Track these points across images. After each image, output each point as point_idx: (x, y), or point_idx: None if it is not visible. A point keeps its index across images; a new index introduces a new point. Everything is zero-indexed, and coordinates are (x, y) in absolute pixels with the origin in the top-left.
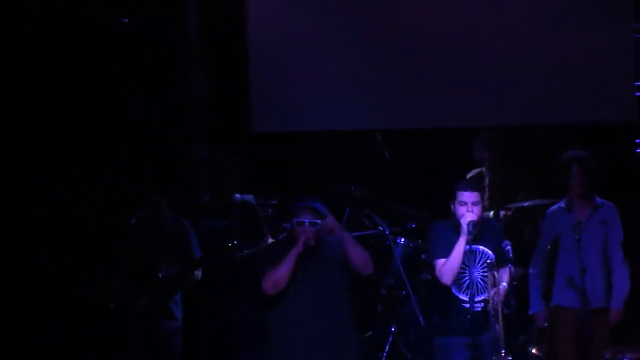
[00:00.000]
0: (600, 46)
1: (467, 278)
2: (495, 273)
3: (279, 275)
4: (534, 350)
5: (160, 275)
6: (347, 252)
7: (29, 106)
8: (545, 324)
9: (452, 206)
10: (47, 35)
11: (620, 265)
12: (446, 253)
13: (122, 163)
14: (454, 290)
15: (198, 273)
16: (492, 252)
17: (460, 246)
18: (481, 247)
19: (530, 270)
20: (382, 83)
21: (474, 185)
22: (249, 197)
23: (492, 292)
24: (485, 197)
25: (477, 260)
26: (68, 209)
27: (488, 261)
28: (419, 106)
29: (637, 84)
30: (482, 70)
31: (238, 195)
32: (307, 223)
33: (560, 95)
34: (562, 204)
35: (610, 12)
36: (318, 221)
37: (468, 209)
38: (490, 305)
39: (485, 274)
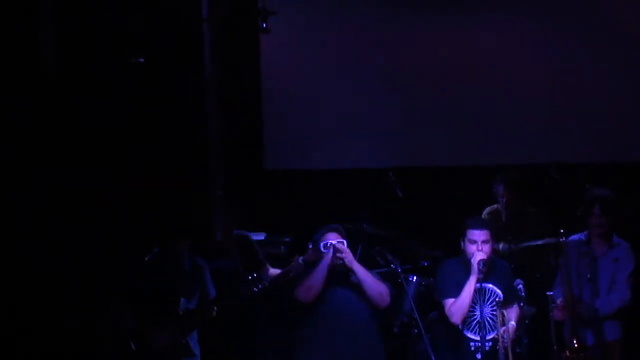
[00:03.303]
0: (616, 84)
1: (476, 316)
2: (505, 312)
3: (312, 281)
4: None
5: (179, 312)
6: (361, 282)
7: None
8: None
9: (462, 244)
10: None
11: (621, 291)
12: (455, 292)
13: (138, 200)
14: (463, 329)
15: (215, 309)
16: (501, 290)
17: (470, 285)
18: (490, 286)
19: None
20: (395, 121)
21: (484, 223)
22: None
23: (501, 331)
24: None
25: (487, 299)
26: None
27: (497, 299)
28: (433, 144)
29: None
30: (497, 108)
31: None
32: (335, 244)
33: (576, 134)
34: (582, 236)
35: (625, 51)
36: (344, 240)
37: (478, 247)
38: (500, 344)
39: (495, 313)
